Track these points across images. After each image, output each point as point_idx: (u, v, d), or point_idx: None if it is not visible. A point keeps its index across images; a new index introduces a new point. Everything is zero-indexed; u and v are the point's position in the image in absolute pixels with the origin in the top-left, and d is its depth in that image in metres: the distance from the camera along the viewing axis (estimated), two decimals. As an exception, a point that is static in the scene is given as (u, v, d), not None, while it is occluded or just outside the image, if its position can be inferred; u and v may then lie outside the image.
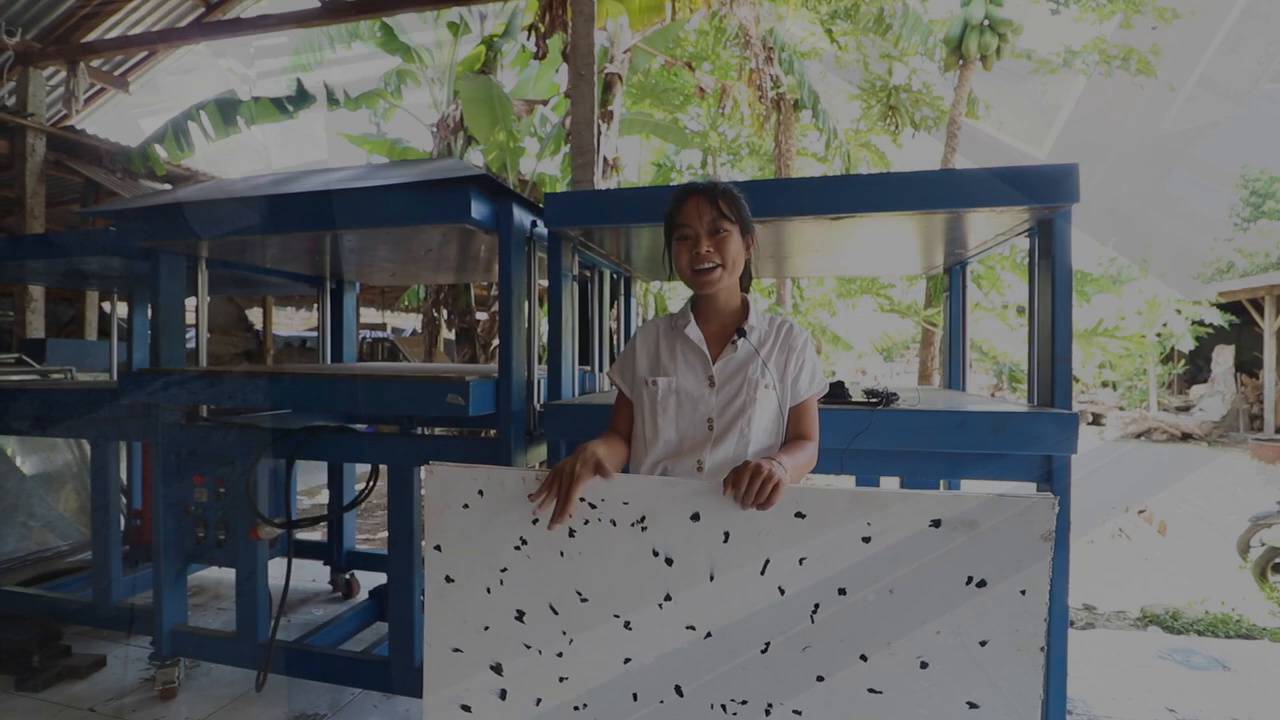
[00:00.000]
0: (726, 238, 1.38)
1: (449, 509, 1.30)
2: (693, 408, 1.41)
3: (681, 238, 1.39)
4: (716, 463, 1.37)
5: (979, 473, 1.91)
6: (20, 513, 4.22)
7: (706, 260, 1.37)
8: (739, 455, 1.37)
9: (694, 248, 1.38)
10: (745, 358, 1.42)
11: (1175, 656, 3.15)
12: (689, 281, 1.43)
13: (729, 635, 1.20)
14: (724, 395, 1.40)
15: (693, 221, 1.38)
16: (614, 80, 5.24)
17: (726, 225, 1.38)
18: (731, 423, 1.38)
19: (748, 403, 1.38)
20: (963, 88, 7.38)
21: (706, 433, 1.39)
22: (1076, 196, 1.71)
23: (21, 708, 2.66)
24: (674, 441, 1.41)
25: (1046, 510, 1.07)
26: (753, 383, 1.39)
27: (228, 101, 6.08)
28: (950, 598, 1.12)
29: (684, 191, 1.42)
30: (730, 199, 1.40)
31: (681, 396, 1.41)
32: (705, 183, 1.43)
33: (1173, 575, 5.01)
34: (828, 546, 1.15)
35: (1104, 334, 6.96)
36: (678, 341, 1.47)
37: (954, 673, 1.12)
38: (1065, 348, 1.83)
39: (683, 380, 1.42)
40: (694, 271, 1.39)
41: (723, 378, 1.41)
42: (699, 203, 1.38)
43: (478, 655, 1.31)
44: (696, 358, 1.44)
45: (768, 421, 1.40)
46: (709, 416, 1.40)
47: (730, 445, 1.37)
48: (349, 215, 2.20)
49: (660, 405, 1.42)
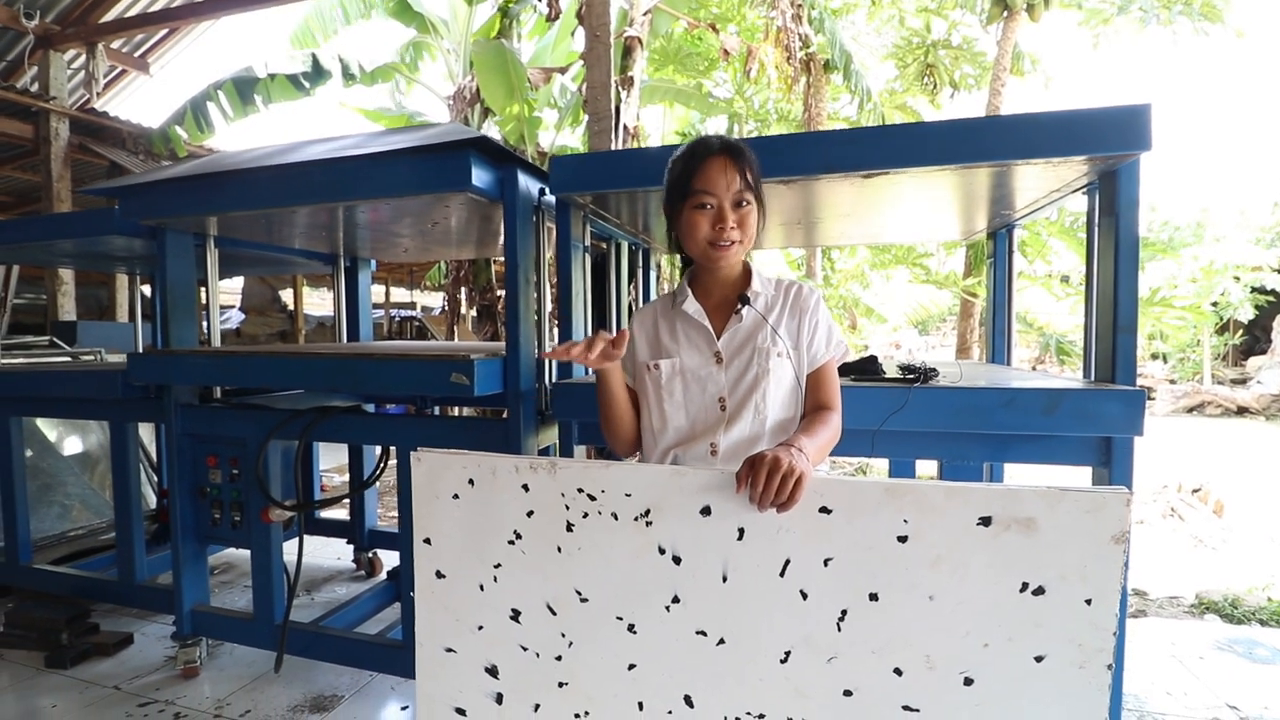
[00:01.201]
0: (749, 211, 1.25)
1: (438, 499, 1.19)
2: (701, 388, 1.27)
3: (700, 206, 1.23)
4: (732, 444, 1.23)
5: (1028, 456, 1.73)
6: (58, 491, 4.32)
7: (728, 238, 1.22)
8: (756, 434, 1.23)
9: (717, 221, 1.22)
10: (753, 326, 1.27)
11: (1236, 648, 2.93)
12: (701, 255, 1.27)
13: (744, 642, 1.07)
14: (734, 370, 1.26)
15: (717, 190, 1.21)
16: (634, 44, 5.01)
17: (750, 197, 1.24)
18: (745, 399, 1.24)
19: (760, 375, 1.24)
20: (1007, 41, 6.91)
21: (719, 414, 1.25)
22: (1149, 143, 1.49)
23: (50, 684, 2.70)
24: (685, 427, 1.28)
25: (1120, 507, 0.91)
26: (764, 352, 1.24)
27: (244, 79, 6.01)
28: (1001, 606, 0.96)
29: (703, 149, 1.24)
30: (754, 166, 1.25)
31: (688, 377, 1.28)
32: (725, 142, 1.25)
33: (1231, 559, 4.72)
34: (858, 546, 1.01)
35: (1160, 303, 6.55)
36: (677, 319, 1.33)
37: (1004, 691, 0.98)
38: (1130, 317, 1.63)
39: (687, 360, 1.29)
40: (711, 246, 1.24)
41: (730, 351, 1.27)
42: (726, 168, 1.21)
43: (472, 656, 1.20)
44: (699, 334, 1.30)
45: (784, 393, 1.26)
46: (720, 395, 1.26)
47: (746, 423, 1.24)
48: (345, 185, 2.09)
49: (666, 390, 1.29)
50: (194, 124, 6.04)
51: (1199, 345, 14.61)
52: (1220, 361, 15.73)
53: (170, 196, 2.39)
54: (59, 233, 2.92)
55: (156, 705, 2.53)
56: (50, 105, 5.80)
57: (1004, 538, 0.96)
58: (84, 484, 4.47)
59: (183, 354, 2.53)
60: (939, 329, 21.82)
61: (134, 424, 3.05)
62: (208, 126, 6.09)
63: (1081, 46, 8.93)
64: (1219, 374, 15.09)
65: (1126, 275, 1.63)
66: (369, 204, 2.14)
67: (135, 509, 3.11)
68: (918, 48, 8.38)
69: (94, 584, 3.22)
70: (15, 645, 2.97)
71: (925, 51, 8.32)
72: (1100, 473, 1.70)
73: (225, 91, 6.03)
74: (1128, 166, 1.61)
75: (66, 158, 5.92)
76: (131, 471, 3.07)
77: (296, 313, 11.15)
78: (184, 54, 7.99)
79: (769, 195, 2.04)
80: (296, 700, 2.57)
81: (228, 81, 6.03)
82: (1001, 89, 6.97)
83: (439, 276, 7.06)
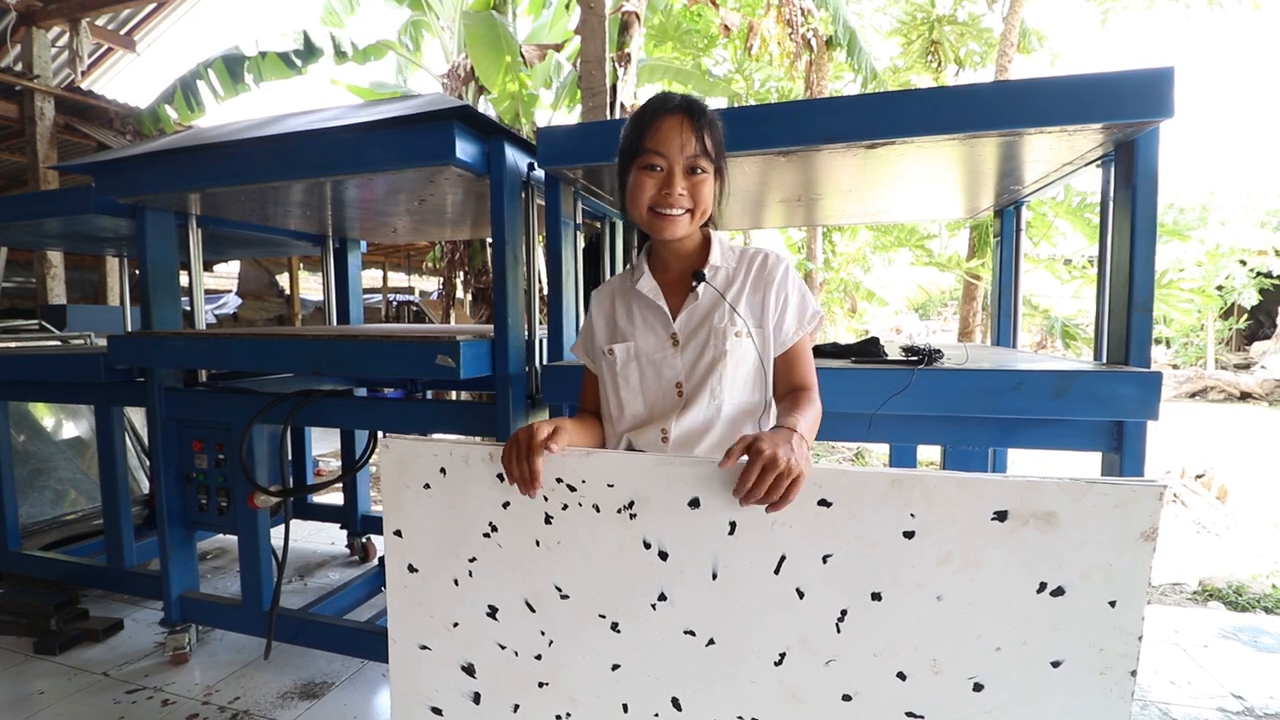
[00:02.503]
0: (703, 180, 1.13)
1: (408, 489, 1.12)
2: (657, 374, 1.18)
3: (647, 167, 1.11)
4: (684, 431, 1.14)
5: (1035, 440, 1.66)
6: (50, 476, 4.27)
7: (676, 204, 1.11)
8: (710, 419, 1.14)
9: (664, 185, 1.11)
10: (710, 305, 1.17)
11: (1241, 636, 2.89)
12: (645, 223, 1.16)
13: (736, 643, 1.00)
14: (690, 353, 1.16)
15: (669, 151, 1.10)
16: (631, 19, 4.87)
17: (706, 164, 1.12)
18: (701, 384, 1.14)
19: (717, 357, 1.13)
20: (1014, 17, 6.74)
21: (676, 399, 1.16)
22: (1171, 110, 1.40)
23: (38, 670, 2.68)
24: (642, 414, 1.19)
25: (1151, 502, 0.83)
26: (720, 332, 1.14)
27: (234, 58, 5.88)
28: (1016, 608, 0.89)
29: (659, 107, 1.11)
30: (715, 129, 1.13)
31: (644, 362, 1.19)
32: (684, 98, 1.13)
33: (1234, 546, 4.68)
34: (860, 541, 0.93)
35: (1168, 285, 6.45)
36: (634, 299, 1.23)
37: (1017, 698, 0.91)
38: (1146, 296, 1.55)
39: (643, 344, 1.19)
40: (654, 213, 1.13)
41: (686, 333, 1.17)
42: (681, 127, 1.09)
43: (447, 654, 1.14)
44: (655, 315, 1.20)
45: (743, 377, 1.15)
46: (677, 381, 1.16)
47: (700, 409, 1.14)
48: (326, 159, 2.00)
49: (621, 376, 1.20)
50: (184, 103, 5.93)
51: (1203, 330, 14.49)
52: (1224, 346, 15.63)
53: (146, 172, 2.30)
54: (37, 211, 2.83)
55: (145, 692, 2.50)
56: (34, 84, 5.68)
57: (1021, 533, 0.88)
58: (76, 468, 4.42)
59: (163, 336, 2.46)
60: (940, 313, 21.70)
61: (120, 408, 2.99)
62: (198, 106, 5.97)
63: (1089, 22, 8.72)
64: (1222, 359, 15.00)
65: (1143, 252, 1.55)
66: (351, 178, 2.06)
67: (123, 494, 3.07)
68: (922, 23, 8.18)
69: (83, 570, 3.19)
70: (4, 631, 2.94)
71: (930, 27, 8.12)
72: (1111, 458, 1.63)
73: (215, 70, 5.90)
74: (1147, 136, 1.52)
75: (53, 138, 5.80)
76: (118, 456, 3.02)
77: (293, 297, 11.07)
78: (171, 31, 7.83)
79: (767, 170, 1.96)
80: (287, 687, 2.53)
81: (217, 60, 5.90)
82: (1008, 65, 6.81)
83: (436, 259, 6.97)
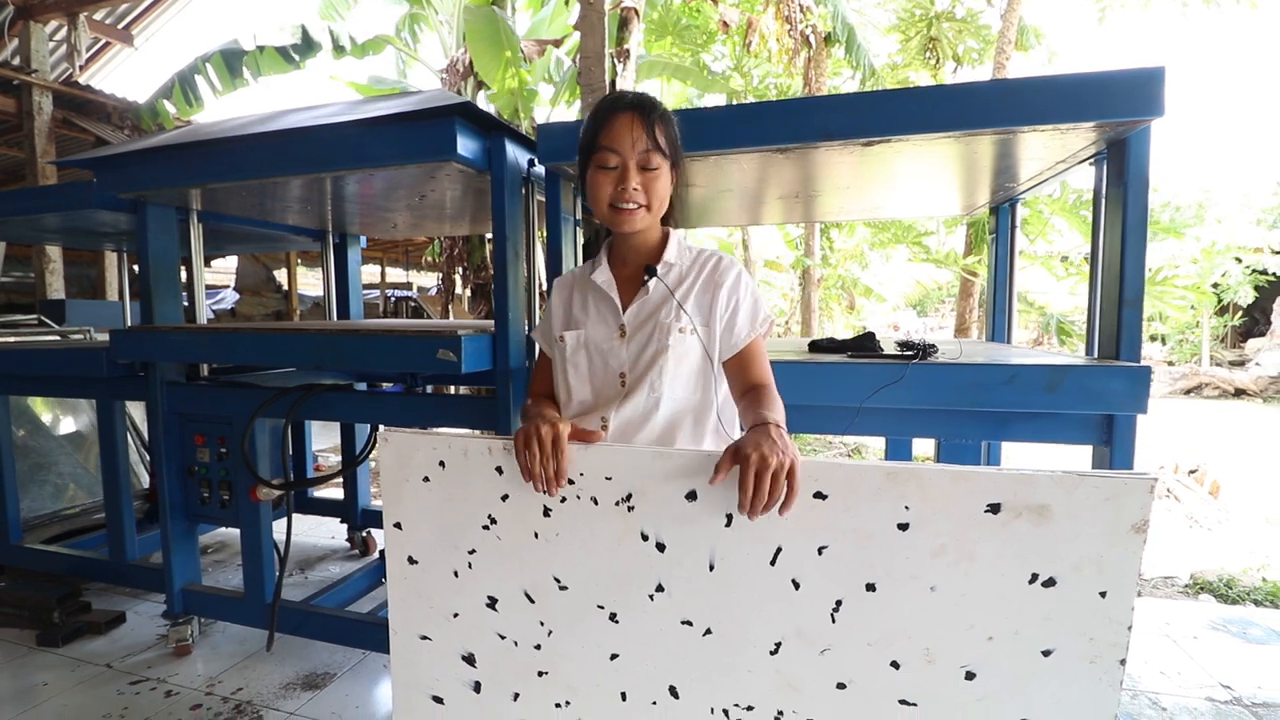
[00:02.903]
0: (657, 174, 1.17)
1: (408, 482, 1.13)
2: (604, 362, 1.22)
3: (602, 166, 1.16)
4: (623, 421, 1.18)
5: (1028, 434, 1.69)
6: (51, 471, 4.29)
7: (631, 200, 1.16)
8: (647, 411, 1.18)
9: (619, 182, 1.16)
10: (659, 300, 1.21)
11: (1230, 628, 2.93)
12: (604, 218, 1.21)
13: (732, 633, 1.02)
14: (635, 345, 1.21)
15: (621, 148, 1.14)
16: (630, 15, 4.87)
17: (659, 159, 1.16)
18: (642, 376, 1.18)
19: (659, 351, 1.18)
20: (1012, 14, 6.75)
21: (619, 389, 1.20)
22: (1162, 109, 1.43)
23: (42, 662, 2.70)
24: (588, 401, 1.23)
25: (1143, 494, 0.85)
26: (665, 328, 1.18)
27: (232, 52, 5.86)
28: (1008, 598, 0.91)
29: (611, 105, 1.17)
30: (667, 125, 1.18)
31: (592, 351, 1.23)
32: (636, 96, 1.17)
33: (1226, 540, 4.72)
34: (855, 533, 0.95)
35: (1162, 283, 6.48)
36: (589, 290, 1.27)
37: (1008, 686, 0.93)
38: (1136, 292, 1.58)
39: (593, 333, 1.24)
40: (613, 208, 1.18)
41: (634, 325, 1.22)
42: (632, 125, 1.14)
43: (447, 644, 1.16)
44: (607, 306, 1.25)
45: (686, 372, 1.19)
46: (621, 371, 1.20)
47: (639, 401, 1.18)
48: (327, 154, 2.01)
49: (571, 363, 1.24)
50: (182, 98, 5.91)
51: (1198, 327, 14.56)
52: (1219, 343, 15.70)
53: (147, 167, 2.31)
54: (38, 206, 2.84)
55: (148, 683, 2.52)
56: (32, 79, 5.66)
57: (1014, 526, 0.90)
58: (76, 463, 4.44)
59: (166, 331, 2.48)
60: (937, 310, 21.76)
61: (121, 402, 3.01)
62: (196, 100, 5.95)
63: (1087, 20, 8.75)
64: (1217, 356, 15.07)
65: (1134, 249, 1.57)
66: (351, 174, 2.07)
67: (125, 488, 3.09)
68: (920, 20, 8.19)
69: (85, 563, 3.21)
70: (7, 623, 2.96)
71: (929, 24, 8.13)
72: (1101, 451, 1.66)
73: (213, 64, 5.89)
74: (1138, 134, 1.55)
75: (50, 133, 5.79)
76: (120, 450, 3.04)
77: (291, 292, 11.06)
78: (168, 26, 7.80)
79: (765, 166, 1.99)
80: (289, 678, 2.56)
81: (215, 54, 5.88)
82: (1005, 63, 6.82)
83: (435, 255, 6.98)
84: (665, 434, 1.20)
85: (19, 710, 2.36)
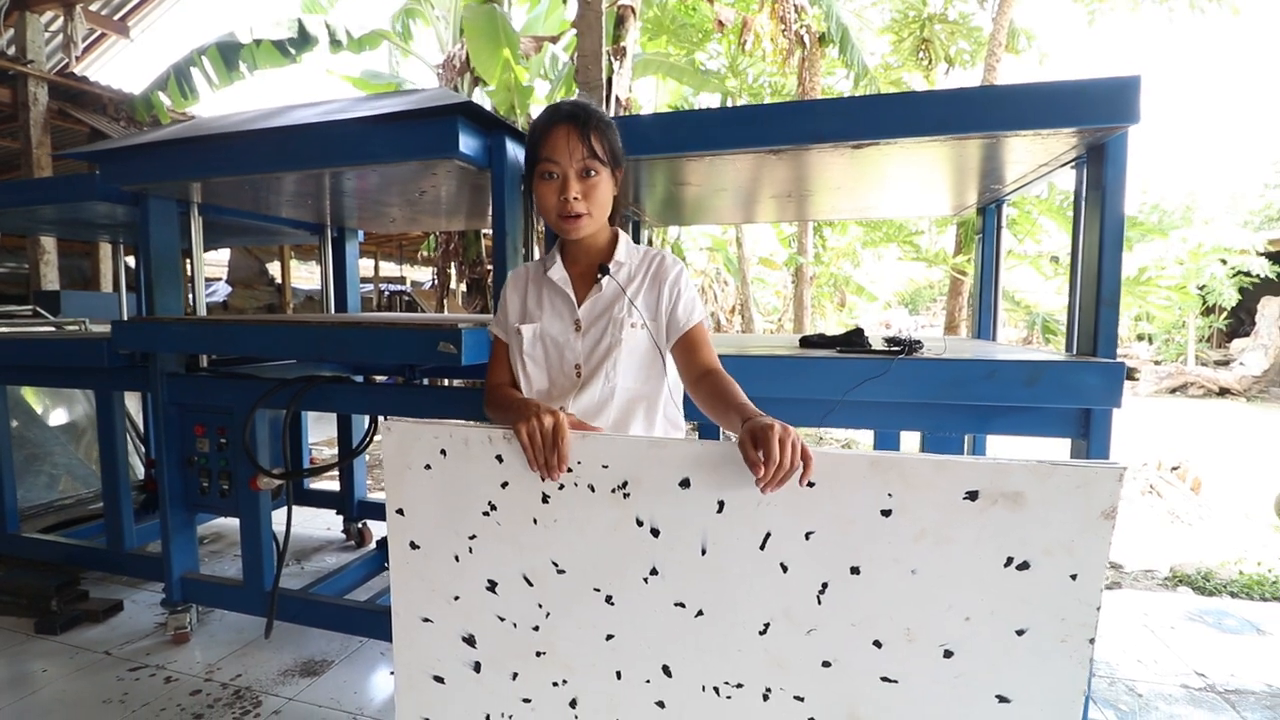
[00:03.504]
0: (597, 182, 1.24)
1: (410, 470, 1.18)
2: (559, 354, 1.31)
3: (545, 175, 1.24)
4: (581, 409, 1.26)
5: (1009, 427, 1.75)
6: (44, 462, 4.30)
7: (573, 209, 1.23)
8: (605, 399, 1.27)
9: (561, 191, 1.23)
10: (612, 297, 1.30)
11: (1206, 618, 3.02)
12: (553, 226, 1.29)
13: (723, 614, 1.07)
14: (590, 338, 1.30)
15: (560, 159, 1.21)
16: (627, 14, 4.92)
17: (598, 166, 1.23)
18: (597, 367, 1.28)
19: (613, 344, 1.27)
20: (1003, 16, 6.83)
21: (575, 380, 1.29)
22: (1137, 116, 1.49)
23: (40, 649, 2.72)
24: (545, 390, 1.32)
25: (1111, 482, 0.90)
26: (618, 322, 1.28)
27: (229, 45, 5.86)
28: (984, 581, 0.96)
29: (550, 118, 1.23)
30: (603, 133, 1.24)
31: (548, 343, 1.32)
32: (573, 107, 1.24)
33: (1206, 535, 4.83)
34: (840, 519, 1.00)
35: (1146, 283, 6.58)
36: (545, 285, 1.35)
37: (984, 664, 0.99)
38: (1113, 291, 1.64)
39: (549, 326, 1.33)
40: (559, 217, 1.25)
41: (588, 320, 1.31)
42: (569, 136, 1.20)
43: (448, 626, 1.21)
44: (563, 301, 1.34)
45: (637, 362, 1.29)
46: (576, 362, 1.29)
47: (596, 389, 1.27)
48: (331, 150, 2.05)
49: (529, 354, 1.33)
50: (177, 90, 5.90)
51: (1184, 327, 14.75)
52: (1205, 343, 15.90)
53: (152, 161, 2.34)
54: (41, 198, 2.86)
55: (148, 669, 2.56)
56: (28, 69, 5.64)
57: (991, 512, 0.95)
58: (71, 454, 4.45)
59: (169, 322, 2.51)
60: (929, 308, 21.91)
61: (120, 393, 3.03)
62: (192, 93, 5.95)
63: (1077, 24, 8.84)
64: (1203, 356, 15.27)
65: (1111, 250, 1.64)
66: (355, 170, 2.11)
67: (123, 477, 3.11)
68: (914, 21, 8.26)
69: (83, 552, 3.24)
70: (4, 612, 2.98)
71: (921, 25, 8.21)
72: (1079, 444, 1.73)
73: (209, 57, 5.88)
74: (1115, 140, 1.61)
75: (46, 124, 5.77)
76: (119, 440, 3.07)
77: (284, 285, 11.03)
78: (164, 17, 7.78)
79: (760, 166, 2.04)
80: (287, 665, 2.60)
81: (211, 47, 5.88)
82: (996, 65, 6.90)
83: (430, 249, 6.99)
84: (620, 420, 1.29)
85: (19, 695, 2.39)
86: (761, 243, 10.78)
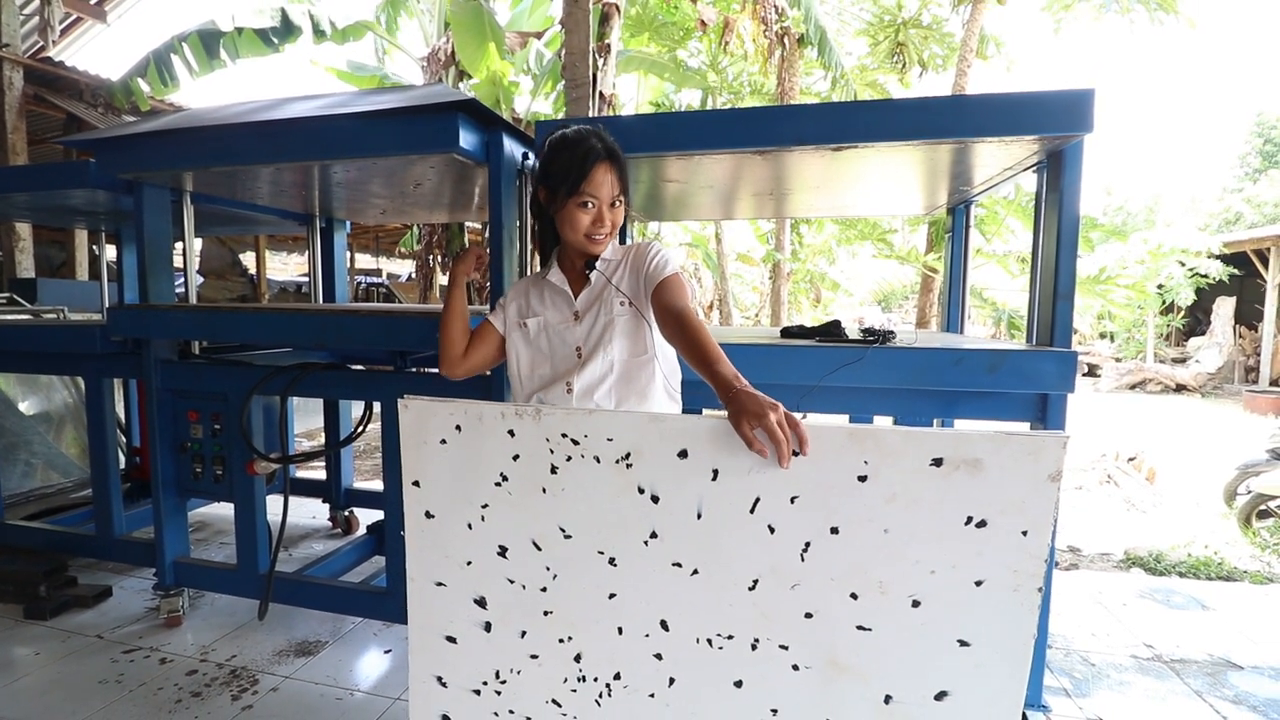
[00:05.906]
0: (620, 210, 1.46)
1: (426, 444, 1.27)
2: (561, 340, 1.50)
3: (584, 204, 1.42)
4: (585, 383, 1.44)
5: (973, 412, 1.90)
6: (22, 451, 4.27)
7: (604, 233, 1.44)
8: (605, 371, 1.45)
9: (596, 220, 1.43)
10: (600, 287, 1.50)
11: (1156, 596, 3.22)
12: (577, 244, 1.46)
13: (716, 572, 1.18)
14: (586, 324, 1.49)
15: (600, 194, 1.41)
16: (611, 11, 5.00)
17: (622, 198, 1.45)
18: (596, 345, 1.46)
19: (608, 325, 1.46)
20: (974, 23, 7.05)
21: (576, 360, 1.47)
22: (1091, 125, 1.63)
23: (30, 635, 2.74)
24: (548, 375, 1.49)
25: (1057, 450, 1.03)
26: (609, 305, 1.47)
27: (210, 33, 5.80)
28: (947, 538, 1.08)
29: (590, 156, 1.40)
30: (625, 169, 1.45)
31: (551, 332, 1.51)
32: (608, 147, 1.43)
33: (1159, 521, 5.10)
34: (821, 485, 1.11)
35: (1106, 281, 6.88)
36: (545, 288, 1.55)
37: (947, 612, 1.11)
38: (1068, 285, 1.79)
39: (550, 318, 1.52)
40: (588, 238, 1.44)
41: (584, 308, 1.50)
42: (607, 174, 1.41)
43: (461, 589, 1.30)
44: (561, 298, 1.53)
45: (628, 336, 1.47)
46: (577, 345, 1.48)
47: (597, 365, 1.45)
48: (333, 143, 2.12)
49: (534, 343, 1.52)
50: (157, 77, 5.82)
51: (1144, 326, 15.30)
52: (1163, 341, 16.51)
53: (151, 150, 2.38)
54: (34, 184, 2.86)
55: (141, 652, 2.60)
56: (3, 53, 5.52)
57: (953, 477, 1.06)
58: (48, 443, 4.42)
59: (164, 309, 2.55)
60: (902, 306, 22.34)
61: (110, 380, 3.05)
62: (171, 80, 5.88)
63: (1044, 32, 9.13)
64: (1161, 353, 15.85)
65: (1067, 247, 1.79)
66: (356, 163, 2.18)
67: (112, 463, 3.13)
68: (889, 25, 8.47)
69: (71, 539, 3.24)
70: (-8, 598, 2.98)
71: (896, 30, 8.42)
72: (1037, 427, 1.88)
73: (190, 44, 5.81)
74: (1072, 147, 1.76)
75: (21, 109, 5.66)
76: (108, 426, 3.08)
77: (259, 276, 10.84)
78: (141, 2, 7.63)
79: (742, 166, 2.16)
80: (281, 646, 2.66)
81: (192, 34, 5.81)
82: (967, 70, 7.12)
83: (411, 243, 6.99)
84: (619, 385, 1.46)
85: (12, 678, 2.41)
86: (740, 239, 10.93)
